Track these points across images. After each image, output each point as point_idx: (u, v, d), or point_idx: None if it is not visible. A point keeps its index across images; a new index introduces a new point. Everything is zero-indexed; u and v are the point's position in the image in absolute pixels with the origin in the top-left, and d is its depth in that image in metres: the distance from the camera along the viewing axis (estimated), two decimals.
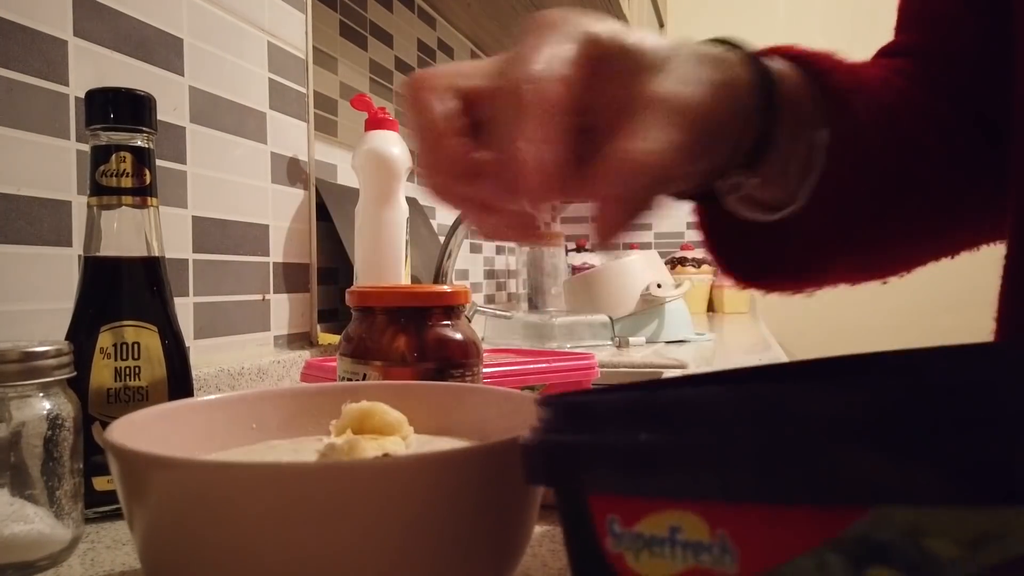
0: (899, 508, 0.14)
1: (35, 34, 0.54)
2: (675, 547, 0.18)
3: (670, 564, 0.18)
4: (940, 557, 0.14)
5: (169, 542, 0.26)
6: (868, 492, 0.14)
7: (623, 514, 0.19)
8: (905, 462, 0.14)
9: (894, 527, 0.14)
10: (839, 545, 0.15)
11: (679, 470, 0.17)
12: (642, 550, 0.19)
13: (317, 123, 1.09)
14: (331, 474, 0.24)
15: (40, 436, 0.36)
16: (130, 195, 0.44)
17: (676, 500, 0.18)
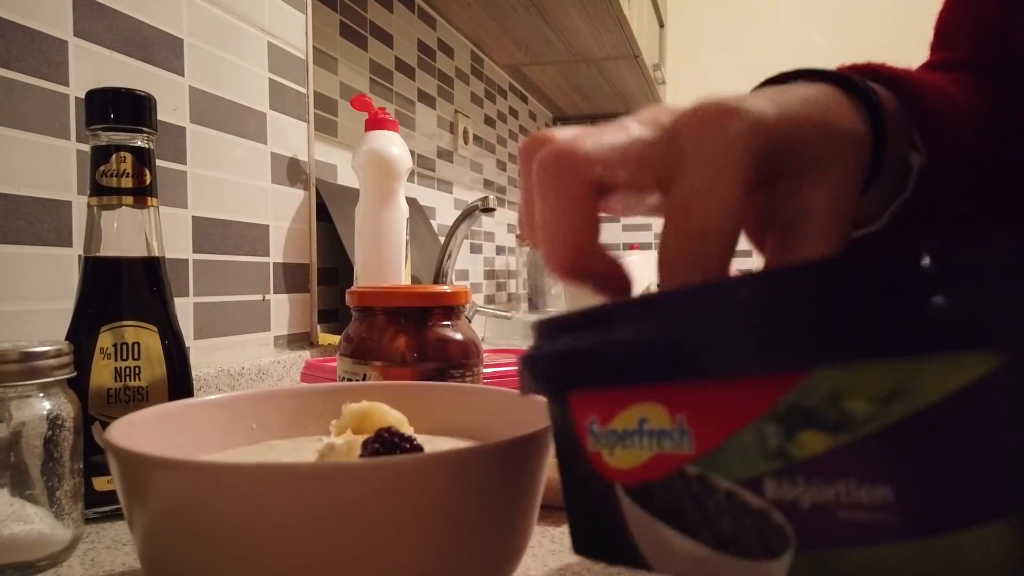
0: (821, 374, 0.16)
1: (35, 34, 0.54)
2: (642, 437, 0.21)
3: (638, 454, 0.21)
4: (856, 415, 0.16)
5: (169, 542, 0.26)
6: (796, 356, 0.16)
7: (600, 413, 0.22)
8: (824, 328, 0.16)
9: (817, 393, 0.16)
10: (773, 416, 0.17)
11: (642, 359, 0.20)
12: (615, 445, 0.22)
13: (317, 123, 1.09)
14: (331, 475, 0.24)
15: (40, 436, 0.36)
16: (130, 195, 0.44)
17: (641, 388, 0.20)
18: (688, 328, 0.19)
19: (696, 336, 0.18)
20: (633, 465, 0.21)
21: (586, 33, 1.73)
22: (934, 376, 0.15)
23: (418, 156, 1.48)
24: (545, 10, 1.57)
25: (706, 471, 0.19)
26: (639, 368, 0.20)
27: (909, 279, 0.15)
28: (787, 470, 0.17)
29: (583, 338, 0.22)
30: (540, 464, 0.30)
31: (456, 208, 1.67)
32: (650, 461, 0.21)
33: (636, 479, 0.21)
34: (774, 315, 0.17)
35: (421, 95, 1.50)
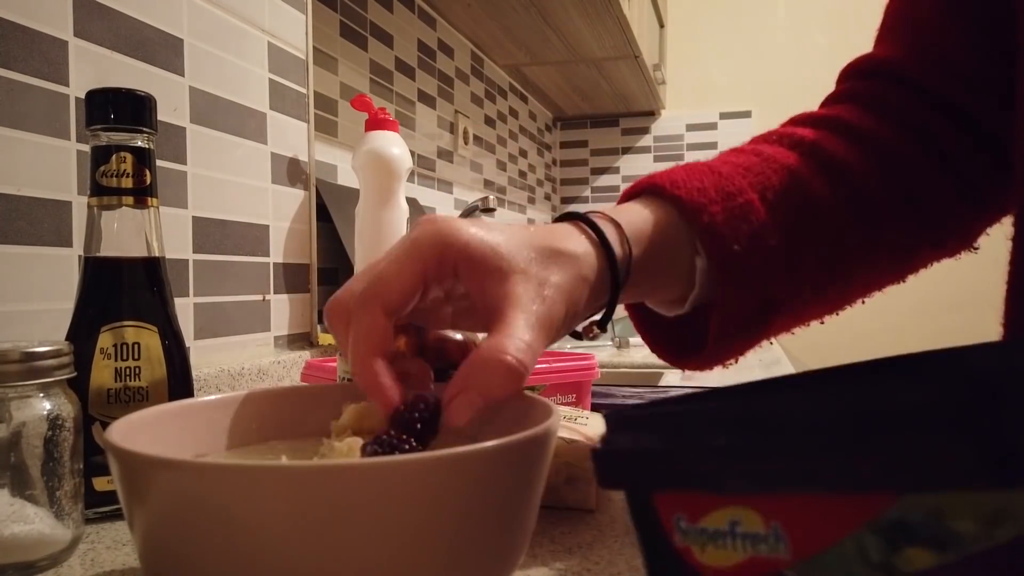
0: (925, 494, 0.16)
1: (36, 35, 0.54)
2: (735, 539, 0.21)
3: (732, 554, 0.21)
4: (963, 534, 0.16)
5: (169, 542, 0.26)
6: (897, 479, 0.16)
7: (688, 512, 0.22)
8: (928, 452, 0.16)
9: (921, 510, 0.16)
10: (875, 528, 0.17)
11: (732, 469, 0.20)
12: (707, 543, 0.21)
13: (317, 123, 1.09)
14: (331, 475, 0.24)
15: (40, 436, 0.36)
16: (130, 195, 0.44)
17: (733, 496, 0.20)
18: (782, 440, 0.18)
19: (792, 450, 0.18)
20: (728, 564, 0.21)
21: (586, 33, 1.73)
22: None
23: (418, 156, 1.48)
24: (545, 10, 1.57)
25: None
26: (729, 477, 0.20)
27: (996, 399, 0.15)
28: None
29: (665, 438, 0.22)
30: (540, 464, 0.30)
31: (456, 208, 1.67)
32: (746, 563, 0.20)
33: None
34: (871, 432, 0.17)
35: (421, 95, 1.50)
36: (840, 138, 0.47)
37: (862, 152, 0.46)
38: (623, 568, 0.35)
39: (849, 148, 0.46)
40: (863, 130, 0.47)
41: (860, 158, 0.46)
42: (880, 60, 0.51)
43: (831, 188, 0.44)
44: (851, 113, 0.48)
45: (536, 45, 1.82)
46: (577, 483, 0.44)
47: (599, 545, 0.38)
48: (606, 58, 1.94)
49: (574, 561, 0.36)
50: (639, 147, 2.68)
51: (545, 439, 0.30)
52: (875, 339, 2.58)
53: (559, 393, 0.67)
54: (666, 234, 0.41)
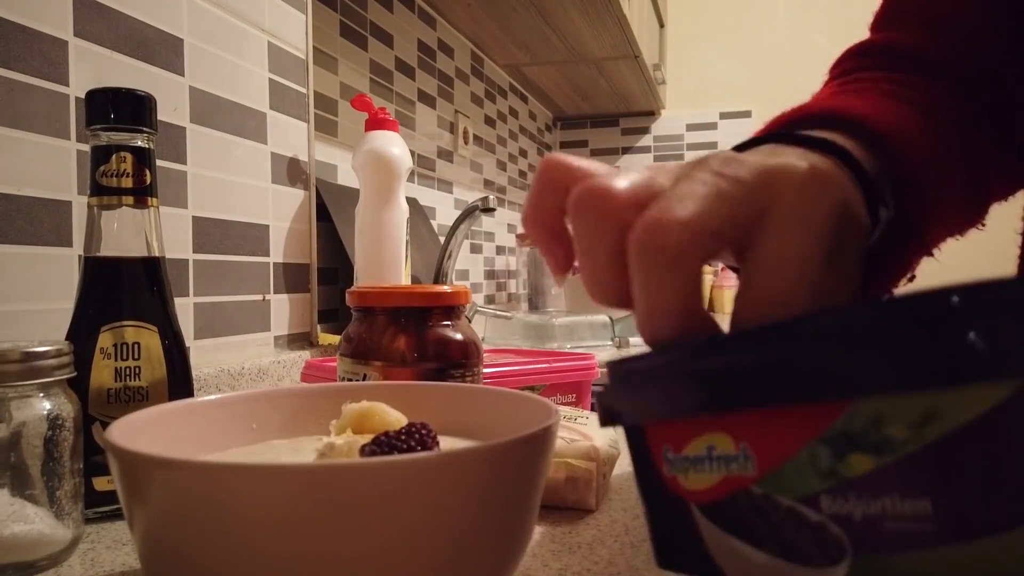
0: (866, 402, 0.19)
1: (36, 34, 0.54)
2: (712, 462, 0.24)
3: (709, 476, 0.24)
4: (896, 438, 0.18)
5: (169, 542, 0.26)
6: (843, 388, 0.19)
7: (673, 442, 0.25)
8: (871, 361, 0.18)
9: (861, 420, 0.19)
10: (823, 440, 0.20)
11: (708, 393, 0.23)
12: (688, 470, 0.25)
13: (317, 123, 1.09)
14: (331, 474, 0.24)
15: (40, 436, 0.36)
16: (130, 195, 0.44)
17: (709, 418, 0.23)
18: (746, 364, 0.21)
19: (754, 371, 0.21)
20: (705, 487, 0.24)
21: (586, 33, 1.73)
22: (962, 402, 0.17)
23: (418, 156, 1.48)
24: (545, 10, 1.57)
25: (768, 490, 0.22)
26: (705, 400, 0.23)
27: (939, 318, 0.17)
28: (839, 488, 0.20)
29: (653, 376, 0.25)
30: (540, 464, 0.30)
31: (456, 208, 1.67)
32: (720, 483, 0.24)
33: (708, 499, 0.24)
34: (824, 351, 0.19)
35: (421, 95, 1.50)
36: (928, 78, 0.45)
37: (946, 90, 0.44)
38: (623, 568, 0.35)
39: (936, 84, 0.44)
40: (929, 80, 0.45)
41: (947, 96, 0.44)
42: (893, 44, 0.49)
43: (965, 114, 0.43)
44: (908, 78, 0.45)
45: (536, 45, 1.82)
46: (577, 483, 0.44)
47: (599, 545, 0.38)
48: (606, 58, 1.94)
49: (574, 561, 0.36)
50: (639, 147, 2.68)
51: (545, 439, 0.30)
52: None
53: (559, 393, 0.67)
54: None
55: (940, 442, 0.18)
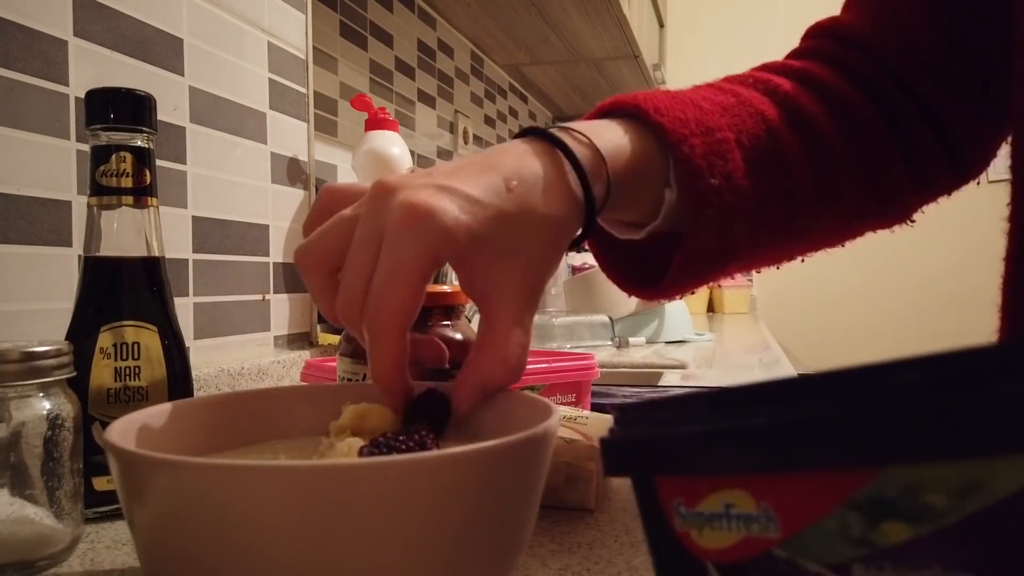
0: (900, 468, 0.18)
1: (35, 34, 0.54)
2: (730, 521, 0.23)
3: (727, 535, 0.23)
4: (936, 507, 0.17)
5: (168, 542, 0.26)
6: (875, 454, 0.18)
7: (685, 496, 0.24)
8: (902, 427, 0.17)
9: (896, 485, 0.18)
10: (854, 504, 0.19)
11: (723, 452, 0.21)
12: (704, 526, 0.23)
13: (317, 123, 1.09)
14: (331, 474, 0.24)
15: (40, 436, 0.36)
16: (130, 195, 0.44)
17: (727, 477, 0.22)
18: (767, 423, 0.20)
19: (776, 431, 0.20)
20: (724, 546, 0.23)
21: (586, 33, 1.73)
22: (1006, 471, 0.16)
23: (418, 156, 1.48)
24: (545, 10, 1.57)
25: (793, 555, 0.20)
26: (720, 460, 0.22)
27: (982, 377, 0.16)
28: (874, 556, 0.19)
29: (662, 427, 0.24)
30: (540, 464, 0.30)
31: None
32: (740, 543, 0.22)
33: (728, 559, 0.23)
34: (852, 412, 0.18)
35: (421, 95, 1.50)
36: (810, 93, 0.47)
37: (829, 110, 0.47)
38: (623, 568, 0.36)
39: (818, 104, 0.47)
40: (831, 88, 0.48)
41: (827, 115, 0.47)
42: (846, 27, 0.53)
43: (800, 141, 0.45)
44: (820, 70, 0.49)
45: (536, 45, 1.82)
46: (577, 483, 0.44)
47: (599, 545, 0.39)
48: (606, 58, 1.94)
49: (574, 560, 0.36)
50: None
51: (545, 439, 0.30)
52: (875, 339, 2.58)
53: (559, 393, 0.67)
54: (641, 161, 0.41)
55: (984, 512, 0.17)
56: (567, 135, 0.38)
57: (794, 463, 0.20)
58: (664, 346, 1.41)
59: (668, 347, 1.39)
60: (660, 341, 1.46)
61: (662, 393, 0.82)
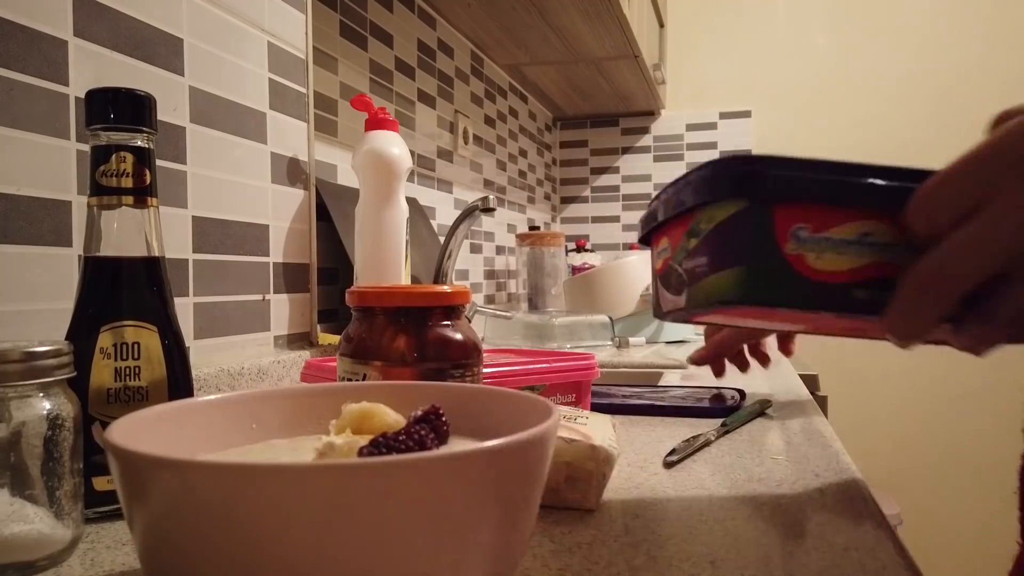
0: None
1: (35, 34, 0.54)
2: (863, 247, 0.34)
3: (855, 259, 0.34)
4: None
5: (169, 542, 0.26)
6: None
7: (813, 222, 0.34)
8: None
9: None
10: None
11: (857, 186, 0.34)
12: (826, 250, 0.34)
13: (317, 123, 1.09)
14: (331, 474, 0.24)
15: (40, 436, 0.36)
16: (130, 195, 0.44)
17: (862, 209, 0.34)
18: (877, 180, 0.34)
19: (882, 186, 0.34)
20: (843, 268, 0.34)
21: (586, 33, 1.73)
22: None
23: (418, 156, 1.48)
24: (545, 10, 1.57)
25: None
26: (860, 195, 0.34)
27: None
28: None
29: (797, 168, 0.35)
30: (540, 464, 0.30)
31: (456, 208, 1.67)
32: (870, 265, 0.34)
33: (849, 279, 0.34)
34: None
35: (421, 95, 1.50)
36: None
37: None
38: (623, 568, 0.36)
39: None
40: None
41: None
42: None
43: None
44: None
45: (536, 45, 1.82)
46: (577, 483, 0.44)
47: (599, 544, 0.39)
48: (606, 58, 1.94)
49: (574, 560, 0.36)
50: (639, 147, 2.68)
51: (545, 439, 0.30)
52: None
53: (559, 393, 0.67)
54: None
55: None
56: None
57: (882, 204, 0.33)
58: (664, 346, 1.41)
59: (668, 347, 1.39)
60: (660, 341, 1.46)
61: (661, 392, 0.82)
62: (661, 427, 0.67)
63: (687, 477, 0.51)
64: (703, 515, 0.43)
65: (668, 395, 0.80)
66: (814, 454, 0.57)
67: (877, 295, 0.33)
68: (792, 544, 0.38)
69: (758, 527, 0.41)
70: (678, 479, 0.50)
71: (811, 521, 0.42)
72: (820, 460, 0.55)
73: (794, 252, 0.33)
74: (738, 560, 0.36)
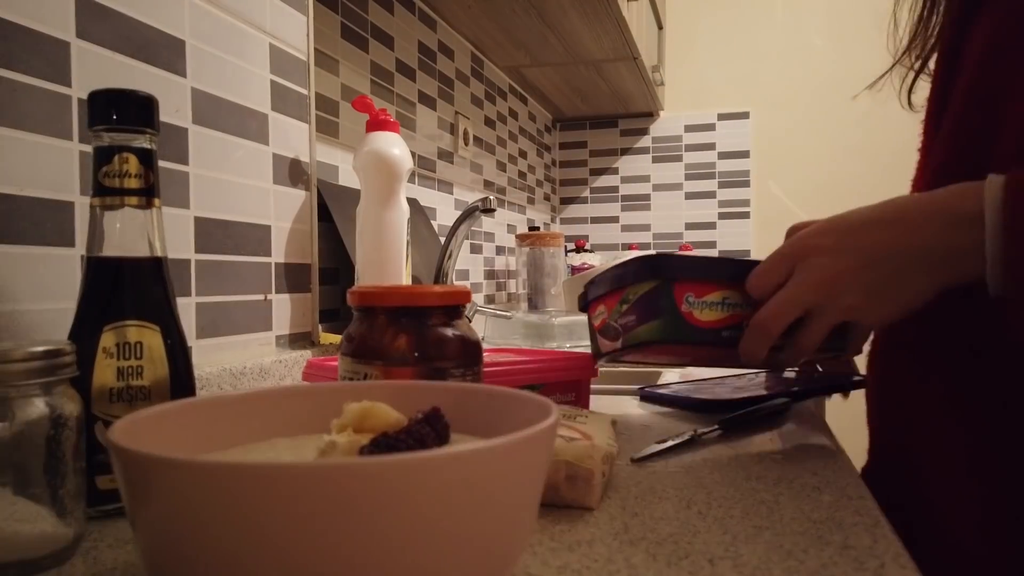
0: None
1: (38, 36, 0.54)
2: (725, 306, 0.55)
3: (721, 313, 0.55)
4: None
5: (171, 541, 0.26)
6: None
7: (696, 292, 0.55)
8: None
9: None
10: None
11: (721, 270, 0.56)
12: (705, 309, 0.55)
13: (318, 124, 1.09)
14: (332, 473, 0.24)
15: (43, 435, 0.37)
16: (133, 196, 0.44)
17: (724, 283, 0.56)
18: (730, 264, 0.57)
19: (730, 265, 0.57)
20: (713, 319, 0.55)
21: (585, 35, 1.73)
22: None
23: (419, 157, 1.49)
24: (545, 12, 1.57)
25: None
26: (721, 274, 0.56)
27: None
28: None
29: (688, 258, 0.56)
30: (540, 463, 0.30)
31: (456, 208, 1.68)
32: (728, 317, 0.56)
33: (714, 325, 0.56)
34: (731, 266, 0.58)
35: (422, 96, 1.51)
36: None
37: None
38: (622, 565, 0.36)
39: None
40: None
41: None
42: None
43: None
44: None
45: (536, 47, 1.82)
46: (577, 481, 0.44)
47: (599, 543, 0.39)
48: (605, 60, 1.94)
49: (574, 559, 0.37)
50: (638, 148, 2.68)
51: (545, 439, 0.30)
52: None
53: (559, 392, 0.67)
54: None
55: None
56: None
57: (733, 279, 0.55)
58: None
59: None
60: None
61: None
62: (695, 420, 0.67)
63: (687, 476, 0.51)
64: (702, 514, 0.43)
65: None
66: (813, 453, 0.57)
67: (735, 334, 0.55)
68: (791, 543, 0.38)
69: (756, 526, 0.41)
70: (678, 478, 0.50)
71: (809, 520, 0.42)
72: (819, 459, 0.55)
73: (687, 310, 0.55)
74: (736, 559, 0.36)
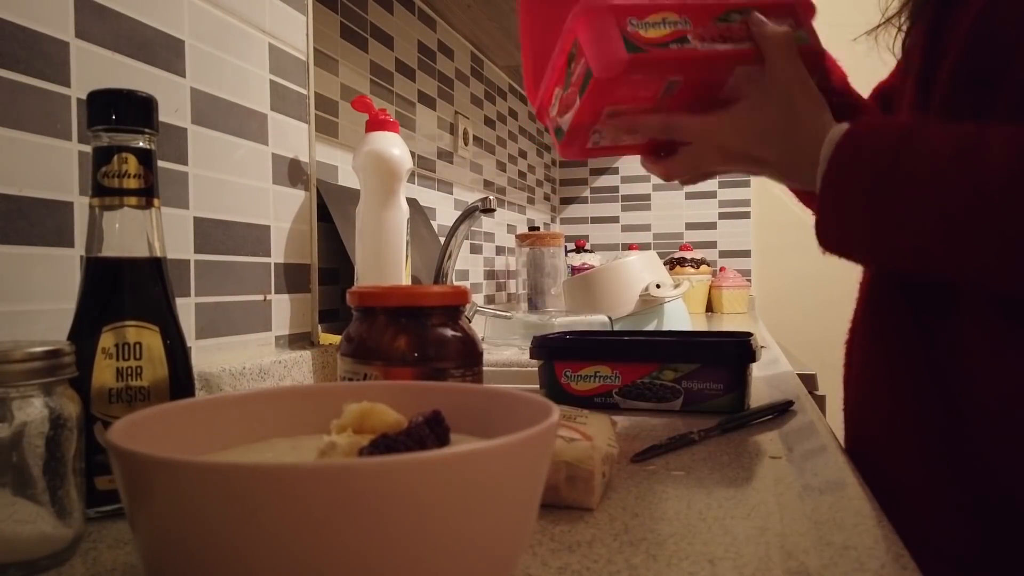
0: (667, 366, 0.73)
1: (37, 35, 0.54)
2: (597, 378, 0.74)
3: (593, 384, 0.75)
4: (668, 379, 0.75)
5: (170, 542, 0.26)
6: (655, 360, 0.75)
7: (572, 367, 0.74)
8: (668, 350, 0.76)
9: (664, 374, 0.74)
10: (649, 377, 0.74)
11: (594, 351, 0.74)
12: (579, 381, 0.74)
13: (318, 124, 1.09)
14: (332, 474, 0.24)
15: (42, 436, 0.37)
16: (132, 196, 0.44)
17: (594, 360, 0.74)
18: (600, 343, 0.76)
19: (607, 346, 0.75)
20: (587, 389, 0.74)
21: None
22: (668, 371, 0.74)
23: (418, 157, 1.49)
24: None
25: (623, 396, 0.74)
26: (593, 354, 0.74)
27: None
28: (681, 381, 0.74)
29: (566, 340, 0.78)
30: (541, 463, 0.30)
31: (456, 208, 1.68)
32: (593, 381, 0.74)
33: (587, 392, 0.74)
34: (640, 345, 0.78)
35: (421, 96, 1.50)
36: None
37: None
38: (622, 566, 0.36)
39: None
40: None
41: None
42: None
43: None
44: None
45: None
46: (577, 482, 0.44)
47: (598, 543, 0.39)
48: None
49: (574, 559, 0.37)
50: None
51: (545, 439, 0.30)
52: None
53: (775, 17, 0.60)
54: None
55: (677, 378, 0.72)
56: None
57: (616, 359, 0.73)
58: None
59: None
60: None
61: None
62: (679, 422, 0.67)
63: (686, 477, 0.51)
64: (702, 514, 0.43)
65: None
66: (812, 453, 0.57)
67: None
68: (791, 543, 0.38)
69: (756, 526, 0.41)
70: (678, 479, 0.50)
71: (809, 520, 0.42)
72: (818, 459, 0.55)
73: (565, 382, 0.73)
74: (737, 559, 0.36)
